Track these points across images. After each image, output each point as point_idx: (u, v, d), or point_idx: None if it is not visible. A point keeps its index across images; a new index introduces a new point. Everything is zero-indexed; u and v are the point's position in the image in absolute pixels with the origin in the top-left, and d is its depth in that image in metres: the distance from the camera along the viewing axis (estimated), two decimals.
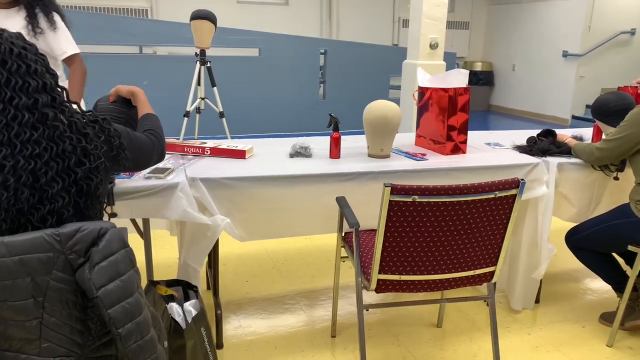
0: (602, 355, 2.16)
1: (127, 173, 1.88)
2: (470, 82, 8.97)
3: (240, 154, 2.21)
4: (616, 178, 2.42)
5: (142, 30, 6.09)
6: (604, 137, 2.34)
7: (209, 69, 4.05)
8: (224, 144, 2.29)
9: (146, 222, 2.13)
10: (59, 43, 2.28)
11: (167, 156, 2.18)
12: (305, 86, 6.74)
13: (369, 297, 2.51)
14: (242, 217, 2.00)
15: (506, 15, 9.48)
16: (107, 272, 1.08)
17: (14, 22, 2.15)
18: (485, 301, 2.56)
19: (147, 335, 1.15)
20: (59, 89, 1.19)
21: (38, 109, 1.12)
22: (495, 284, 2.30)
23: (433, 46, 4.99)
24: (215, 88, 4.11)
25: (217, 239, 2.10)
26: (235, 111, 5.67)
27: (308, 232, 2.19)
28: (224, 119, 4.19)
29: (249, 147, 2.26)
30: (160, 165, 2.02)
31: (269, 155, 2.30)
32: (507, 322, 2.41)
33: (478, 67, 9.69)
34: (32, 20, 2.15)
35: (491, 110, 9.89)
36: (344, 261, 2.17)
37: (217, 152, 2.21)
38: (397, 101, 5.50)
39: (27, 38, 1.92)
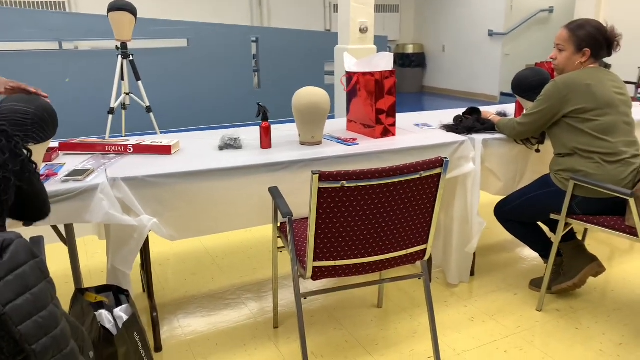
0: (533, 320, 2.27)
1: (43, 176, 1.77)
2: (402, 64, 9.14)
3: (165, 150, 2.13)
4: (537, 150, 2.53)
5: (60, 25, 5.74)
6: (524, 112, 2.44)
7: (132, 63, 3.88)
8: (148, 140, 2.20)
9: (69, 227, 2.02)
10: None
11: (87, 156, 2.07)
12: (238, 76, 6.62)
13: (310, 284, 2.52)
14: (171, 215, 1.94)
15: None
16: (14, 286, 1.01)
17: None
18: (420, 278, 2.62)
19: (67, 348, 1.08)
20: None
21: None
22: (430, 261, 2.35)
23: (363, 30, 5.02)
24: (140, 82, 3.95)
25: (148, 239, 2.03)
26: (165, 105, 5.50)
27: (243, 226, 2.15)
28: (151, 114, 4.04)
29: (174, 142, 2.19)
30: (79, 166, 1.92)
31: (197, 149, 2.23)
32: (444, 297, 2.48)
33: (410, 49, 9.88)
34: None
35: (424, 91, 10.14)
36: (281, 251, 2.15)
37: (140, 149, 2.13)
38: (332, 87, 5.52)
39: None
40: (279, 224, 2.11)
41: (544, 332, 2.18)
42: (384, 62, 2.41)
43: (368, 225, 1.70)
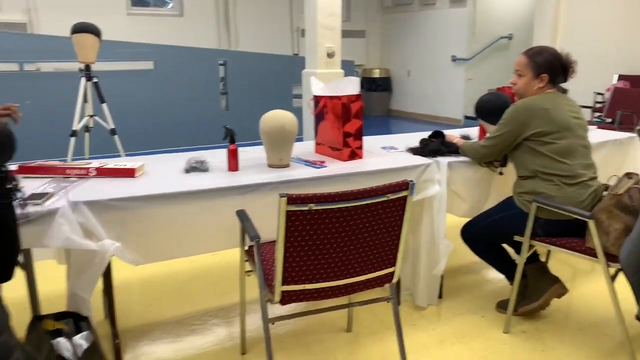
0: (500, 342, 2.30)
1: None
2: (369, 88, 9.30)
3: (129, 173, 2.08)
4: (501, 173, 2.60)
5: (21, 46, 5.62)
6: (487, 135, 2.51)
7: (96, 85, 3.81)
8: (112, 163, 2.15)
9: (27, 252, 1.94)
10: None
11: (46, 180, 2.00)
12: (205, 98, 6.59)
13: (279, 308, 2.48)
14: (136, 239, 1.89)
15: (399, 22, 9.97)
16: None
17: None
18: (388, 302, 2.62)
19: None
20: None
21: None
22: (398, 283, 2.35)
23: (330, 55, 5.10)
24: (104, 104, 3.88)
25: (110, 264, 1.97)
26: (130, 128, 5.41)
27: (210, 249, 2.11)
28: (116, 137, 3.96)
29: (138, 164, 2.14)
30: (38, 190, 1.85)
31: (162, 172, 2.19)
32: (414, 319, 2.48)
33: (376, 74, 10.07)
34: None
35: (391, 114, 10.32)
36: (248, 275, 2.12)
37: (103, 172, 2.07)
38: (300, 110, 5.55)
39: None
40: (246, 248, 2.08)
41: (511, 355, 2.20)
42: (351, 86, 2.44)
43: (337, 248, 1.69)
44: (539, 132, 2.21)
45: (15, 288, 1.08)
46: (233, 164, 2.25)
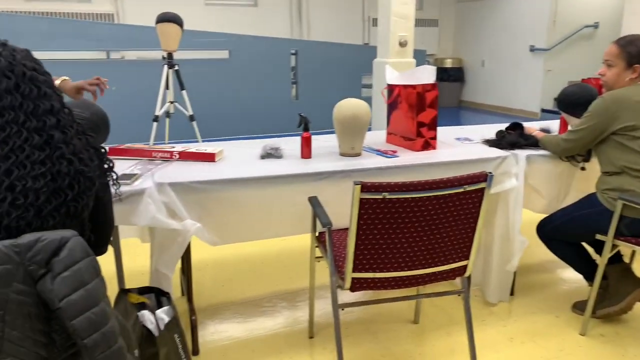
0: (576, 344, 2.20)
1: None
2: (440, 78, 9.08)
3: (209, 157, 2.18)
4: (583, 168, 2.47)
5: (108, 35, 5.98)
6: (569, 128, 2.39)
7: (177, 72, 3.99)
8: (193, 147, 2.25)
9: (115, 229, 2.08)
10: None
11: (134, 162, 2.14)
12: (277, 87, 6.71)
13: (346, 296, 2.51)
14: (214, 221, 1.98)
15: (474, 11, 9.63)
16: (70, 282, 1.05)
17: None
18: (459, 295, 2.57)
19: (115, 345, 1.12)
20: (64, 111, 1.19)
21: (46, 131, 1.13)
22: (469, 277, 2.32)
23: (402, 44, 5.03)
24: (184, 91, 4.06)
25: (190, 244, 2.07)
26: (206, 114, 5.61)
27: (281, 234, 2.18)
28: (194, 123, 4.14)
29: (218, 149, 2.23)
30: (127, 171, 1.98)
31: (239, 158, 2.27)
32: (483, 315, 2.43)
33: (448, 63, 9.81)
34: None
35: (462, 106, 10.03)
36: (318, 261, 2.16)
37: (186, 156, 2.18)
38: (369, 99, 5.53)
39: None
40: (317, 234, 2.12)
41: (587, 357, 2.10)
42: (426, 75, 2.40)
43: (409, 238, 1.69)
44: (629, 125, 2.08)
45: (103, 263, 1.18)
46: (306, 152, 2.29)
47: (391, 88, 2.53)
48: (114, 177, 1.35)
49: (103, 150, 1.31)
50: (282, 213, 2.09)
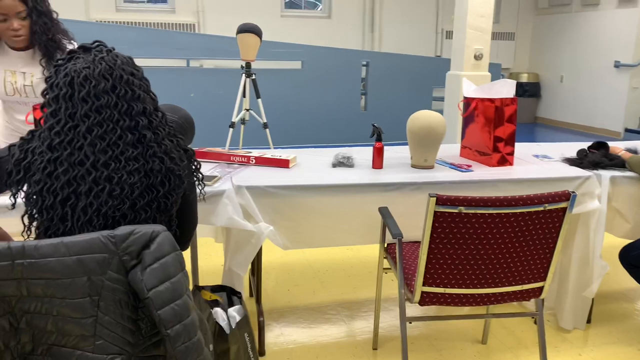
0: None
1: None
2: (515, 93, 8.77)
3: (284, 163, 2.23)
4: None
5: (189, 44, 6.28)
6: None
7: (254, 81, 4.13)
8: (268, 153, 2.32)
9: None
10: None
11: (213, 164, 2.23)
12: (346, 98, 6.76)
13: (412, 310, 2.47)
14: (286, 225, 2.02)
15: (553, 25, 9.25)
16: (158, 274, 1.12)
17: (28, 65, 2.10)
18: (533, 318, 2.47)
19: (195, 337, 1.17)
20: (157, 114, 1.28)
21: (138, 130, 1.22)
22: (543, 300, 2.22)
23: (478, 57, 4.93)
24: (259, 100, 4.19)
25: (261, 247, 2.13)
26: (277, 122, 5.75)
27: (350, 242, 2.19)
28: (267, 130, 4.26)
29: (292, 156, 2.29)
30: (207, 173, 2.07)
31: (311, 165, 2.31)
32: (555, 342, 2.32)
33: (524, 78, 9.47)
34: (49, 64, 2.05)
35: (538, 122, 9.63)
36: (386, 273, 2.15)
37: (261, 161, 2.25)
38: (440, 112, 5.46)
39: (42, 79, 1.99)
40: (386, 245, 2.11)
41: None
42: (506, 89, 2.35)
43: (483, 255, 1.65)
44: None
45: None
46: (378, 162, 2.30)
47: (468, 101, 2.49)
48: (200, 177, 1.42)
49: (191, 151, 1.39)
50: (352, 222, 2.11)
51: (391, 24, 8.63)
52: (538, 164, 2.45)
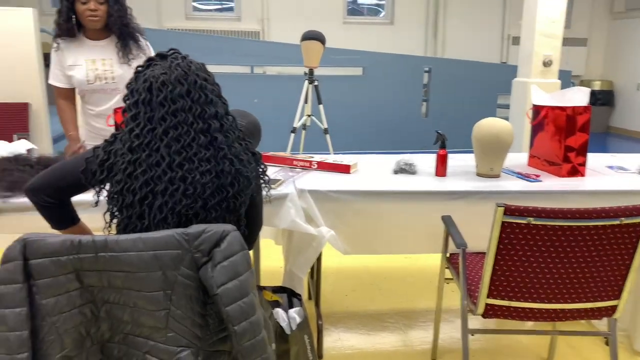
0: None
1: None
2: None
3: (345, 169, 2.25)
4: None
5: (253, 51, 6.46)
6: None
7: (316, 87, 4.18)
8: (330, 158, 2.35)
9: None
10: None
11: (277, 168, 2.28)
12: (407, 104, 6.70)
13: (472, 322, 2.41)
14: (346, 230, 2.03)
15: (630, 30, 8.75)
16: (227, 271, 1.16)
17: (106, 51, 2.29)
18: (604, 339, 2.34)
19: (259, 335, 1.20)
20: (228, 118, 1.33)
21: (210, 133, 1.28)
22: (616, 320, 2.11)
23: (547, 64, 4.75)
24: (321, 106, 4.23)
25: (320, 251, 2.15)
26: (337, 128, 5.77)
27: (411, 251, 2.18)
28: (327, 135, 4.29)
29: (353, 162, 2.30)
30: (271, 176, 2.12)
31: (372, 171, 2.31)
32: None
33: (596, 86, 9.01)
34: (124, 49, 2.27)
35: (610, 132, 9.13)
36: (447, 283, 2.11)
37: (323, 166, 2.28)
38: (505, 120, 5.29)
39: (119, 64, 2.25)
40: (448, 255, 2.07)
41: None
42: (579, 97, 2.25)
43: (553, 268, 1.59)
44: None
45: None
46: (441, 169, 2.26)
47: (537, 109, 2.40)
48: (267, 180, 1.46)
49: (258, 154, 1.43)
50: (414, 230, 2.09)
51: (455, 29, 8.49)
52: (613, 175, 2.32)
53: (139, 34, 2.34)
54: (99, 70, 2.28)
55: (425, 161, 2.48)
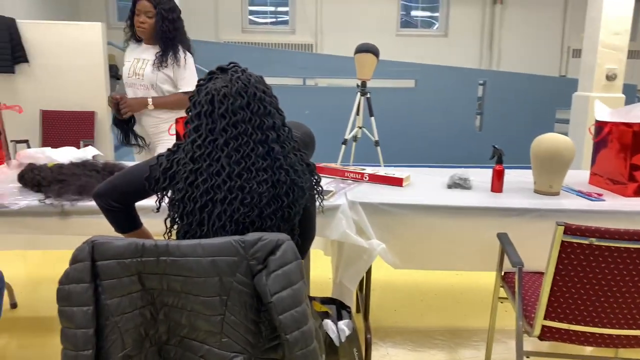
0: None
1: None
2: None
3: (397, 182, 2.23)
4: None
5: (306, 63, 6.55)
6: None
7: (368, 100, 4.19)
8: (381, 171, 2.34)
9: None
10: (180, 79, 2.69)
11: (328, 180, 2.30)
12: (460, 117, 6.58)
13: (527, 344, 2.32)
14: (397, 244, 2.02)
15: None
16: (281, 280, 1.17)
17: (148, 54, 2.68)
18: None
19: (311, 345, 1.21)
20: (284, 129, 1.36)
21: (268, 144, 1.31)
22: None
23: (610, 77, 4.55)
24: (372, 118, 4.23)
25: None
26: (388, 140, 5.75)
27: (463, 267, 2.13)
28: (378, 148, 4.28)
29: (406, 175, 2.28)
30: (324, 187, 2.14)
31: (425, 185, 2.29)
32: None
33: None
34: (161, 57, 2.63)
35: None
36: (501, 302, 2.05)
37: (375, 179, 2.27)
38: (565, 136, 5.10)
39: (152, 67, 2.59)
40: (503, 273, 2.02)
41: None
42: None
43: (616, 292, 1.51)
44: None
45: None
46: (497, 185, 2.21)
47: (600, 125, 2.31)
48: (320, 190, 1.48)
49: (312, 165, 1.44)
50: (467, 246, 2.04)
51: (511, 41, 8.29)
52: None
53: (184, 48, 2.70)
54: (137, 66, 2.69)
55: (480, 176, 2.43)
